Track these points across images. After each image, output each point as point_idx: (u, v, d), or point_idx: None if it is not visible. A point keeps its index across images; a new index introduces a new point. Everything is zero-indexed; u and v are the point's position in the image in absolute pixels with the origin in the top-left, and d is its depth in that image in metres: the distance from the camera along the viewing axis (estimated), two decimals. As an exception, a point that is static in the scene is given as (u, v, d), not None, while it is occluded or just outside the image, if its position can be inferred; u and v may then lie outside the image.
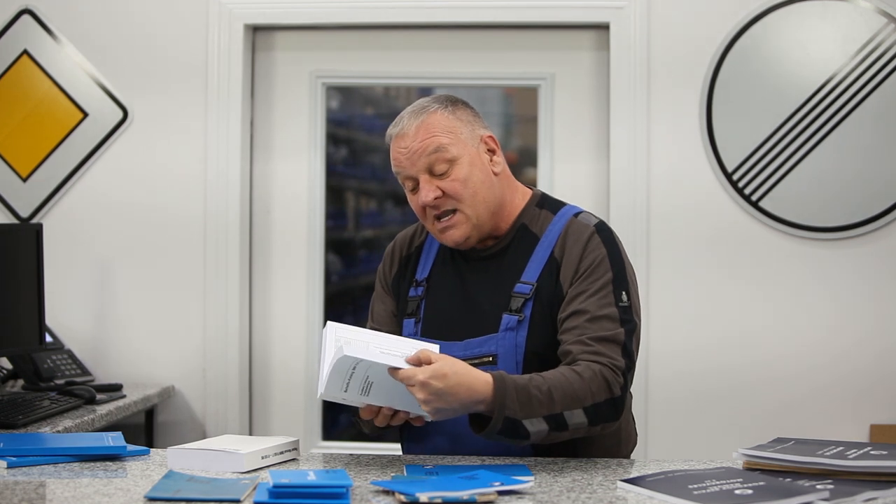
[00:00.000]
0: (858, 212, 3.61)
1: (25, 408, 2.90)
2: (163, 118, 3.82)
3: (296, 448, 2.21)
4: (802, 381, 3.64)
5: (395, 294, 2.39)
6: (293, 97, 3.89)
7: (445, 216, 2.26)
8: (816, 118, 3.61)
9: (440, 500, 1.80)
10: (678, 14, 3.67)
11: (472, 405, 2.04)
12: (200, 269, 3.80)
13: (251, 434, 3.86)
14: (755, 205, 3.64)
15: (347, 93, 4.18)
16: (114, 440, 2.25)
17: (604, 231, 2.27)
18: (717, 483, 1.89)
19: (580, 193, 3.72)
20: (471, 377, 2.03)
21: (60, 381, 3.42)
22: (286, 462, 2.17)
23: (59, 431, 2.80)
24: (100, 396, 3.26)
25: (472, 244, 2.30)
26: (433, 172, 2.24)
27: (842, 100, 3.60)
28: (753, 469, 2.02)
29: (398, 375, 2.01)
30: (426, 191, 2.24)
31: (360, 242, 4.33)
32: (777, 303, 3.65)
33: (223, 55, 3.79)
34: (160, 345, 3.81)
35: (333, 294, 4.03)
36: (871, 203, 3.61)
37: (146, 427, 3.69)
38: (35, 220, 3.82)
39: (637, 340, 2.22)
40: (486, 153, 2.30)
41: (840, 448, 2.02)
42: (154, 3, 3.82)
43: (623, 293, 2.20)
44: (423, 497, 1.80)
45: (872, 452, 1.98)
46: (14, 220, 3.84)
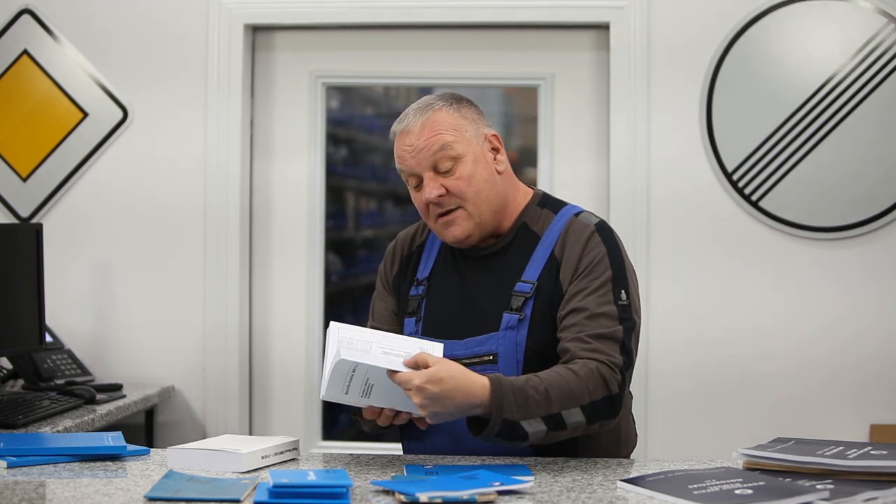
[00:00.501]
0: (858, 212, 3.61)
1: (25, 408, 2.90)
2: (163, 118, 3.82)
3: (296, 448, 2.21)
4: (802, 381, 3.64)
5: (396, 293, 2.39)
6: (293, 97, 3.89)
7: (448, 213, 2.26)
8: (816, 118, 3.61)
9: (440, 500, 1.80)
10: (678, 14, 3.67)
11: (470, 409, 2.05)
12: (200, 269, 3.80)
13: (251, 434, 3.86)
14: (755, 204, 3.64)
15: (347, 93, 4.18)
16: (114, 440, 2.25)
17: (604, 230, 2.27)
18: (717, 483, 1.89)
19: (580, 193, 3.72)
20: (467, 381, 2.03)
21: (60, 381, 3.42)
22: (286, 462, 2.17)
23: (59, 431, 2.80)
24: (100, 396, 3.26)
25: (474, 242, 2.30)
26: (437, 170, 2.25)
27: (842, 100, 3.60)
28: (753, 469, 2.02)
29: (395, 379, 2.01)
30: (430, 188, 2.24)
31: (360, 242, 4.33)
32: (777, 302, 3.65)
33: (223, 55, 3.79)
34: (160, 345, 3.81)
35: (333, 294, 4.03)
36: (872, 203, 3.61)
37: (146, 427, 3.69)
38: (35, 220, 3.82)
39: (636, 339, 2.22)
40: (490, 151, 2.30)
41: (840, 448, 2.02)
42: (154, 3, 3.82)
43: (622, 291, 2.20)
44: (423, 497, 1.80)
45: (872, 452, 1.98)
46: (14, 220, 3.84)
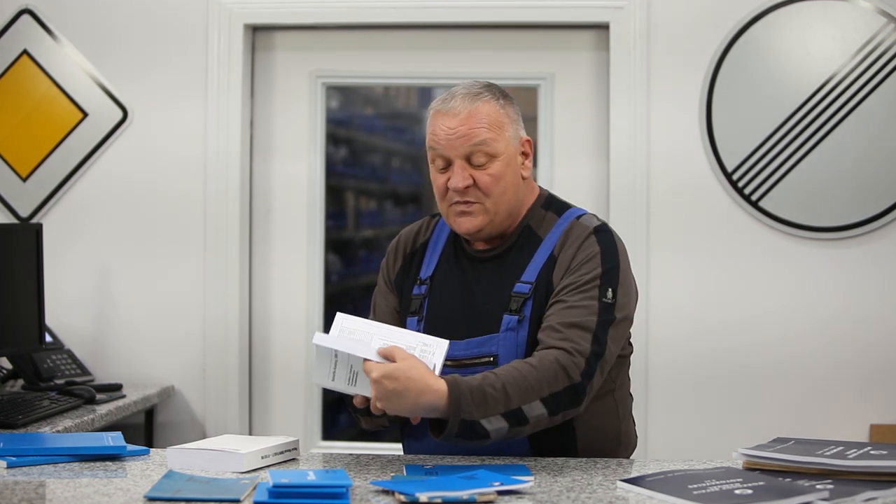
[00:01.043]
0: (858, 212, 3.61)
1: (25, 408, 2.90)
2: (163, 118, 3.82)
3: (296, 448, 2.21)
4: (802, 381, 3.64)
5: (398, 291, 2.39)
6: (293, 97, 3.89)
7: (467, 203, 2.25)
8: (816, 118, 3.61)
9: (440, 500, 1.80)
10: (678, 14, 3.67)
11: (426, 411, 2.05)
12: (200, 269, 3.80)
13: (251, 434, 3.86)
14: (755, 204, 3.64)
15: (347, 93, 4.18)
16: (114, 440, 2.25)
17: (602, 232, 2.27)
18: (717, 483, 1.89)
19: (579, 193, 3.72)
20: (423, 385, 2.03)
21: (60, 381, 3.42)
22: (286, 462, 2.17)
23: (59, 431, 2.80)
24: (100, 396, 3.26)
25: (483, 236, 2.29)
26: (470, 161, 2.24)
27: (842, 100, 3.60)
28: (753, 469, 2.02)
29: (364, 368, 2.03)
30: (459, 177, 2.23)
31: (360, 242, 4.33)
32: (776, 302, 3.65)
33: (223, 55, 3.79)
34: (160, 345, 3.81)
35: (333, 294, 4.03)
36: (872, 203, 3.61)
37: (146, 427, 3.69)
38: (35, 220, 3.82)
39: (617, 335, 2.20)
40: (521, 155, 2.30)
41: (840, 448, 2.02)
42: (154, 3, 3.82)
43: (609, 290, 2.19)
44: (423, 497, 1.80)
45: (872, 452, 1.98)
46: (14, 220, 3.84)
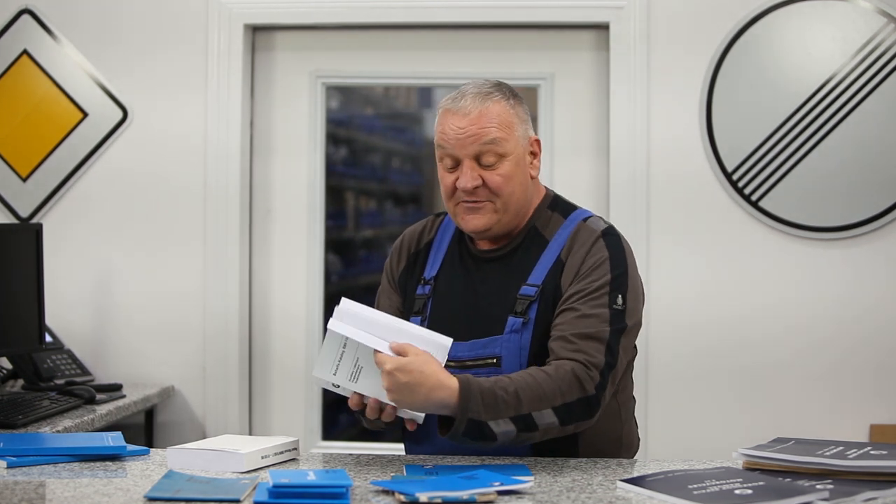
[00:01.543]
0: (858, 212, 3.61)
1: (25, 408, 2.90)
2: (163, 118, 3.82)
3: (296, 448, 2.21)
4: (802, 381, 3.64)
5: (402, 290, 2.38)
6: (293, 97, 3.89)
7: (475, 202, 2.24)
8: (816, 118, 3.61)
9: (440, 500, 1.80)
10: (678, 14, 3.67)
11: (435, 408, 2.05)
12: (201, 269, 3.80)
13: (251, 434, 3.86)
14: (755, 204, 3.64)
15: (347, 93, 4.18)
16: (114, 440, 2.25)
17: (610, 236, 2.27)
18: (717, 483, 1.89)
19: (579, 193, 3.71)
20: (436, 381, 2.03)
21: (60, 381, 3.42)
22: (286, 462, 2.17)
23: (59, 431, 2.80)
24: (100, 396, 3.26)
25: (489, 236, 2.29)
26: (479, 161, 2.23)
27: (841, 100, 3.60)
28: (753, 469, 2.02)
29: (375, 358, 2.03)
30: (468, 177, 2.22)
31: (360, 242, 4.33)
32: (777, 302, 3.64)
33: (223, 55, 3.79)
34: (160, 345, 3.81)
35: (333, 294, 4.02)
36: (871, 203, 3.61)
37: (146, 427, 3.69)
38: (35, 220, 3.82)
39: (628, 342, 2.21)
40: (529, 155, 2.30)
41: (840, 448, 2.02)
42: (154, 3, 3.82)
43: (619, 296, 2.19)
44: (423, 497, 1.80)
45: (872, 452, 1.98)
46: (14, 220, 3.84)
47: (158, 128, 3.82)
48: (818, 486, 1.86)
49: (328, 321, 2.13)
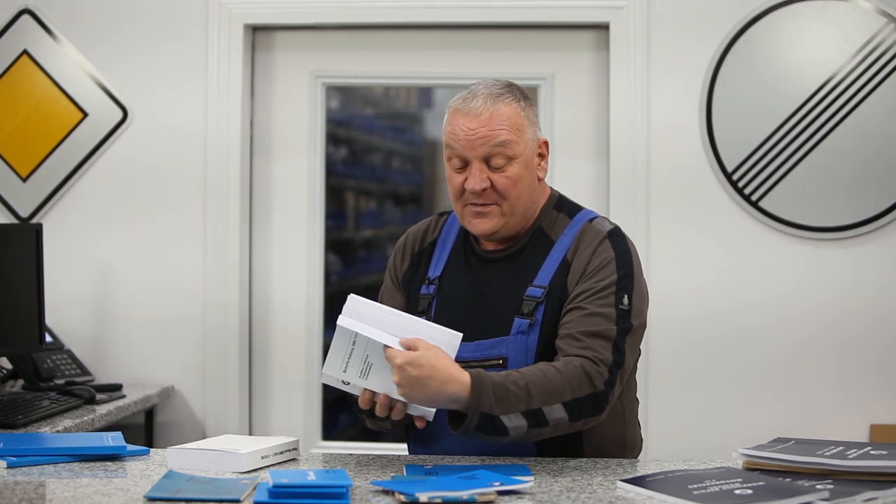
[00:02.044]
0: (858, 212, 3.61)
1: (25, 408, 2.90)
2: (163, 118, 3.82)
3: (296, 448, 2.21)
4: (802, 381, 3.64)
5: (406, 290, 2.37)
6: (293, 97, 3.89)
7: (483, 205, 2.24)
8: (816, 118, 3.61)
9: (440, 500, 1.80)
10: (678, 14, 3.67)
11: (446, 402, 2.04)
12: (200, 269, 3.80)
13: (251, 434, 3.86)
14: (755, 204, 3.64)
15: (347, 93, 4.18)
16: (114, 440, 2.25)
17: (616, 236, 2.26)
18: (717, 483, 1.89)
19: (579, 193, 3.70)
20: (448, 374, 2.02)
21: (60, 381, 3.42)
22: (286, 462, 2.17)
23: (59, 431, 2.80)
24: (100, 396, 3.26)
25: (496, 238, 2.28)
26: (489, 163, 2.22)
27: (841, 100, 3.60)
28: (753, 469, 2.02)
29: (386, 354, 2.02)
30: (476, 179, 2.21)
31: (360, 242, 4.33)
32: (776, 303, 3.65)
33: (223, 55, 3.79)
34: (160, 345, 3.81)
35: (333, 294, 4.03)
36: (872, 203, 3.61)
37: (146, 427, 3.69)
38: (35, 220, 3.82)
39: (634, 342, 2.21)
40: (537, 156, 2.29)
41: (840, 448, 2.02)
42: (154, 3, 3.82)
43: (625, 296, 2.19)
44: (423, 497, 1.80)
45: (872, 452, 1.98)
46: (14, 220, 3.84)
47: (158, 128, 3.82)
48: (818, 486, 1.86)
49: (333, 319, 2.12)
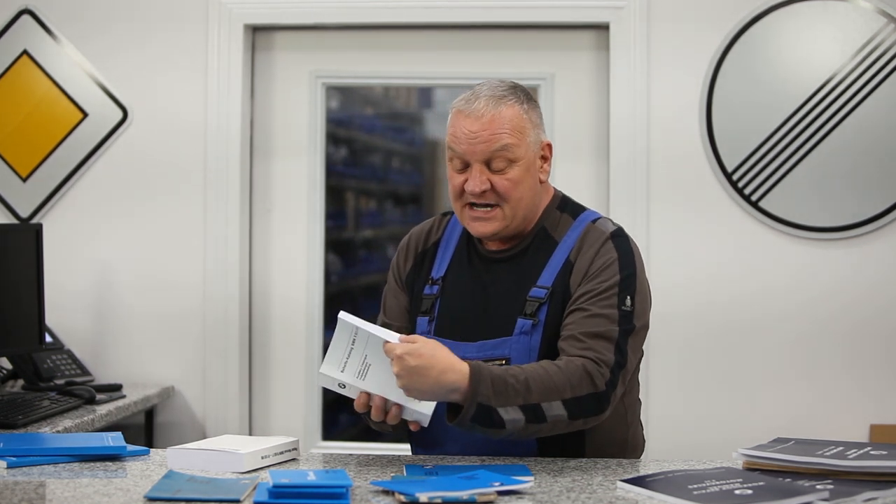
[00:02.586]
0: (858, 212, 3.61)
1: (25, 408, 2.90)
2: (162, 118, 3.82)
3: (296, 448, 2.21)
4: (802, 381, 3.64)
5: (410, 290, 2.37)
6: (293, 97, 3.89)
7: (484, 207, 2.24)
8: (816, 118, 3.61)
9: (440, 500, 1.80)
10: (678, 14, 3.67)
11: (446, 391, 2.03)
12: (200, 269, 3.80)
13: (251, 434, 3.86)
14: (755, 204, 3.64)
15: (347, 93, 4.18)
16: (114, 440, 2.26)
17: (619, 237, 2.26)
18: (717, 483, 1.89)
19: (580, 193, 3.68)
20: (448, 364, 2.03)
21: (60, 381, 3.42)
22: (286, 462, 2.17)
23: (59, 431, 2.80)
24: (100, 396, 3.26)
25: (498, 238, 2.28)
26: (490, 166, 2.22)
27: (842, 100, 3.60)
28: (753, 469, 2.02)
29: (385, 347, 2.03)
30: (477, 181, 2.21)
31: (360, 242, 4.33)
32: (777, 303, 3.64)
33: (223, 55, 3.79)
34: (160, 345, 3.81)
35: (333, 294, 4.03)
36: (872, 203, 3.61)
37: (146, 427, 3.69)
38: (35, 220, 3.82)
39: (636, 344, 2.21)
40: (540, 159, 2.28)
41: (840, 448, 2.02)
42: (154, 4, 3.82)
43: (627, 297, 2.19)
44: (423, 497, 1.80)
45: (872, 452, 1.99)
46: (14, 220, 3.84)
47: (158, 128, 3.82)
48: (818, 487, 1.86)
49: (333, 319, 2.12)
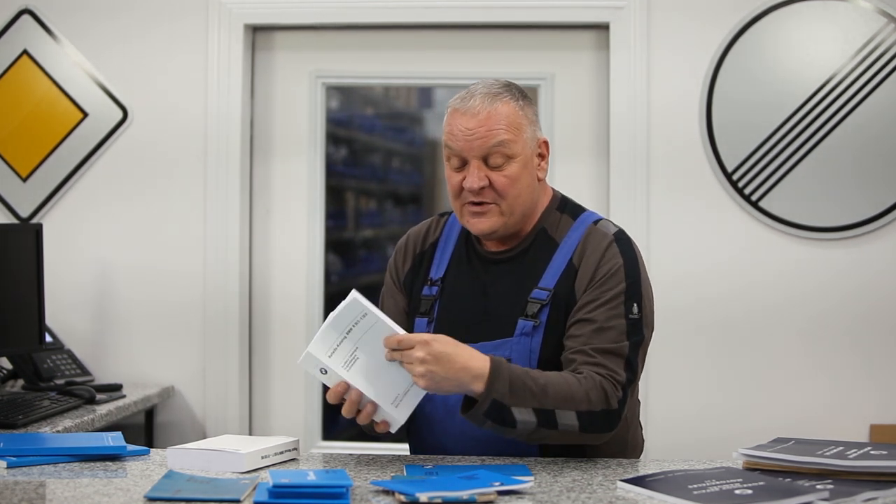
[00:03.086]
0: (858, 212, 3.61)
1: (25, 408, 2.90)
2: (163, 118, 3.82)
3: (296, 448, 2.21)
4: (802, 381, 3.64)
5: (408, 291, 2.36)
6: (293, 97, 3.89)
7: (481, 204, 2.23)
8: (816, 118, 3.61)
9: (440, 500, 1.80)
10: (678, 14, 3.67)
11: (471, 378, 2.03)
12: (200, 269, 3.80)
13: (251, 434, 3.86)
14: (755, 204, 3.64)
15: (347, 93, 4.18)
16: (114, 440, 2.25)
17: (622, 240, 2.26)
18: (717, 483, 1.89)
19: (580, 193, 3.69)
20: (470, 353, 2.04)
21: (60, 381, 3.42)
22: (286, 462, 2.17)
23: (59, 431, 2.80)
24: (100, 396, 3.26)
25: (496, 237, 2.28)
26: (487, 162, 2.22)
27: (842, 100, 3.60)
28: (753, 469, 2.02)
29: (397, 339, 2.02)
30: (475, 177, 2.21)
31: (360, 242, 4.33)
32: (776, 303, 3.64)
33: (223, 55, 3.79)
34: (160, 345, 3.81)
35: (333, 294, 4.02)
36: (871, 203, 3.61)
37: (146, 427, 3.69)
38: (35, 220, 3.82)
39: (643, 353, 2.21)
40: (537, 157, 2.28)
41: (840, 448, 2.02)
42: (154, 3, 3.82)
43: (634, 305, 2.19)
44: (423, 497, 1.80)
45: (872, 452, 1.98)
46: (14, 220, 3.84)
47: (158, 128, 3.82)
48: (818, 486, 1.86)
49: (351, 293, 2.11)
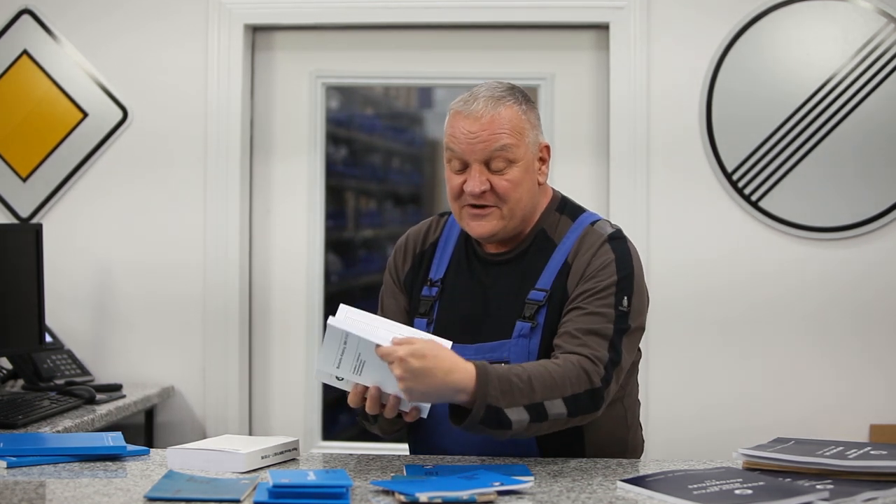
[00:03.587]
0: (858, 212, 3.61)
1: (25, 408, 2.90)
2: (163, 118, 3.82)
3: (296, 448, 2.21)
4: (802, 381, 3.64)
5: (408, 291, 2.36)
6: (293, 97, 3.89)
7: (482, 207, 2.23)
8: (816, 118, 3.61)
9: (440, 500, 1.80)
10: (678, 14, 3.67)
11: (451, 393, 2.01)
12: (200, 269, 3.80)
13: (251, 434, 3.86)
14: (755, 204, 3.64)
15: (347, 93, 4.18)
16: (114, 440, 2.25)
17: (616, 239, 2.26)
18: (717, 483, 1.89)
19: (580, 193, 3.68)
20: (452, 364, 2.00)
21: (60, 381, 3.42)
22: (286, 462, 2.17)
23: (59, 431, 2.80)
24: (100, 396, 3.26)
25: (496, 240, 2.27)
26: (489, 166, 2.21)
27: (842, 100, 3.60)
28: (753, 469, 2.03)
29: (380, 352, 1.98)
30: (476, 181, 2.20)
31: (360, 242, 4.33)
32: (776, 303, 3.64)
33: (223, 55, 3.79)
34: (160, 345, 3.81)
35: (333, 294, 4.03)
36: (871, 203, 3.61)
37: (146, 427, 3.69)
38: (35, 220, 3.82)
39: (631, 344, 2.20)
40: (538, 161, 2.28)
41: (840, 448, 2.02)
42: (154, 3, 3.82)
43: (624, 298, 2.18)
44: (423, 497, 1.80)
45: (872, 452, 1.99)
46: (14, 220, 3.84)
47: (158, 128, 3.82)
48: (818, 486, 1.86)
49: (328, 319, 2.11)
